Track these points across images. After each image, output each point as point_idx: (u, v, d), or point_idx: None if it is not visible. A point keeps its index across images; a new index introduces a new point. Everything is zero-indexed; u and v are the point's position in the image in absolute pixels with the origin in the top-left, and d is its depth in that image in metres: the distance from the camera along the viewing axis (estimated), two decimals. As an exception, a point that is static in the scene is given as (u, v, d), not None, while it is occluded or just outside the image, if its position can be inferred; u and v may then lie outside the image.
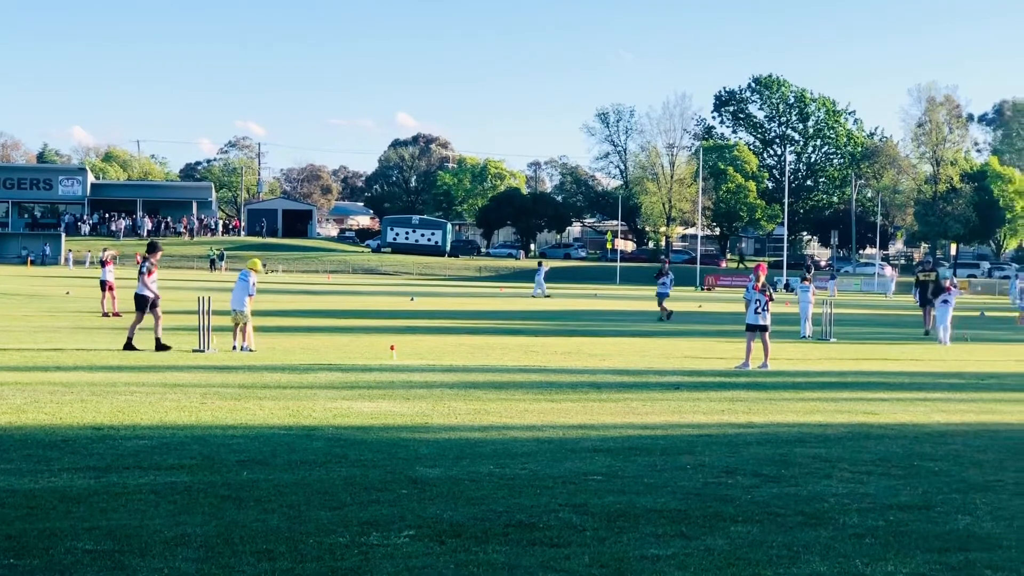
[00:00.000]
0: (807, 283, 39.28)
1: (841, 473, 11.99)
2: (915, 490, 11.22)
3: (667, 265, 49.70)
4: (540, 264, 79.53)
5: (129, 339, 25.16)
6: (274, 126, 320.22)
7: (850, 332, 39.35)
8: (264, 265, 25.13)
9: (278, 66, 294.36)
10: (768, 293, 25.32)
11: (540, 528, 9.15)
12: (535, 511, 9.76)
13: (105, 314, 37.41)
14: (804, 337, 36.23)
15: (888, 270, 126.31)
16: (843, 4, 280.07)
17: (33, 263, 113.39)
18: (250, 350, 25.32)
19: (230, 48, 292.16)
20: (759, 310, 25.03)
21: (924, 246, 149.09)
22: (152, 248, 26.69)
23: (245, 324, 25.78)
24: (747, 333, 25.25)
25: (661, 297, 46.53)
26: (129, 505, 9.64)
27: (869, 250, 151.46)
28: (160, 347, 24.86)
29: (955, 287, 38.41)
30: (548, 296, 69.85)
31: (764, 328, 24.99)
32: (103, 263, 40.58)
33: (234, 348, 25.36)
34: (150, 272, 25.71)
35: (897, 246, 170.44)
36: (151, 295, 25.45)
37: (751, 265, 66.76)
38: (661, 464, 12.28)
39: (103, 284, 38.98)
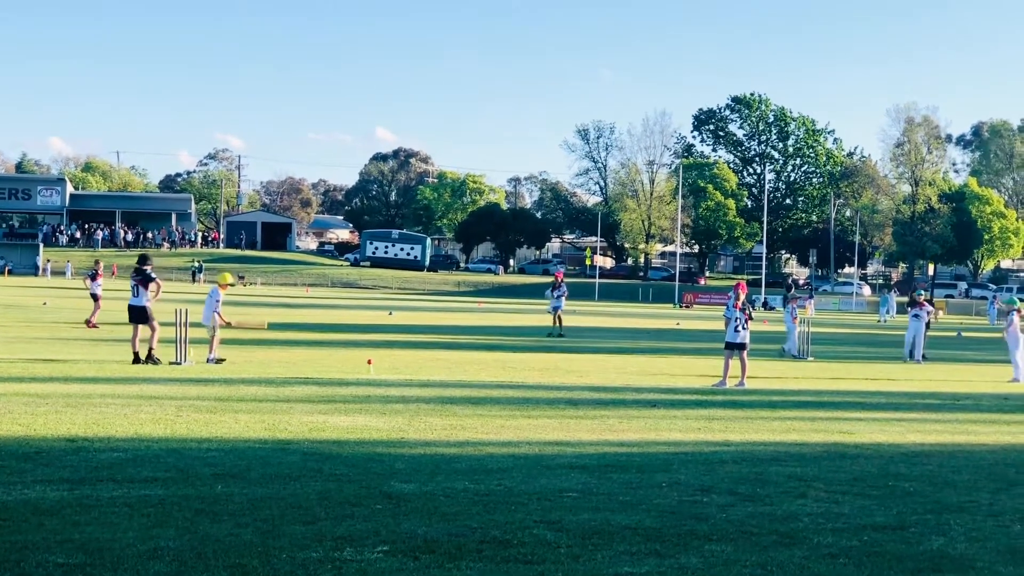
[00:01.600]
0: (792, 303, 39.27)
1: (816, 492, 11.99)
2: (890, 510, 11.22)
3: (560, 278, 47.50)
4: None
5: (149, 352, 24.99)
6: (253, 139, 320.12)
7: (828, 351, 39.43)
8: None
9: (257, 80, 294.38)
10: (748, 312, 25.35)
11: (514, 545, 9.14)
12: (510, 527, 9.74)
13: (90, 324, 37.20)
14: (783, 352, 36.35)
15: (867, 289, 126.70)
16: (823, 24, 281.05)
17: (11, 273, 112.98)
18: (216, 360, 25.30)
19: (208, 61, 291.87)
20: (739, 328, 25.07)
21: (902, 266, 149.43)
22: (148, 259, 26.70)
23: (213, 336, 25.87)
24: (725, 351, 25.28)
25: (555, 310, 44.95)
26: (102, 518, 9.60)
27: (847, 269, 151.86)
28: (152, 359, 24.74)
29: (928, 304, 38.42)
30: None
31: (743, 346, 25.02)
32: (95, 276, 40.31)
33: (208, 360, 25.37)
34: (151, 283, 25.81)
35: (875, 266, 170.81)
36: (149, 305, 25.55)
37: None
38: (636, 482, 12.28)
39: (95, 296, 38.84)
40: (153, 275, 25.98)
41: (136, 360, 24.56)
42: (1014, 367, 29.81)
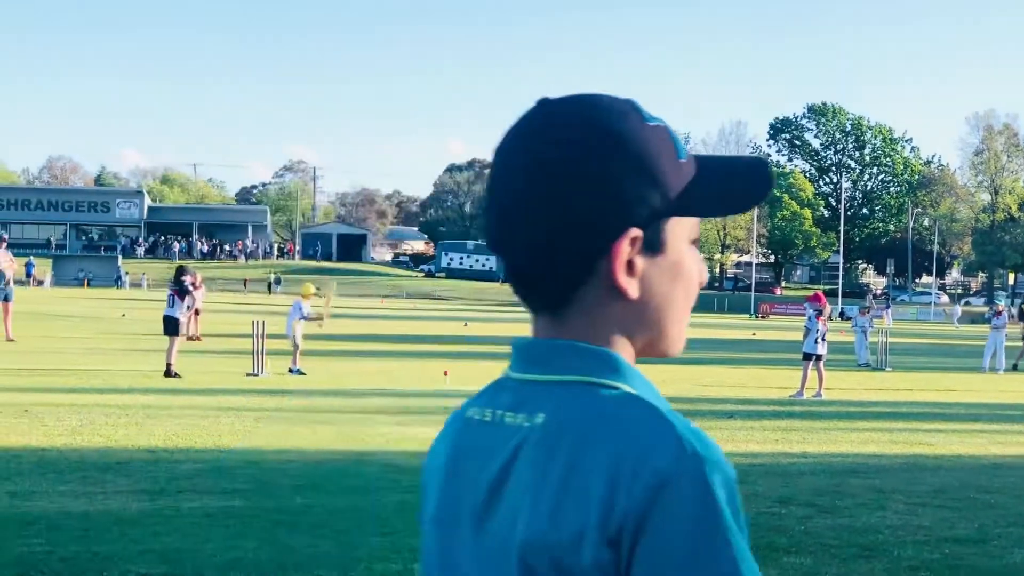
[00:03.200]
0: (864, 313, 38.96)
1: (896, 505, 11.88)
2: (971, 523, 11.10)
3: None
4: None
5: (168, 366, 24.71)
6: (325, 151, 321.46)
7: (906, 361, 39.07)
8: (317, 289, 25.10)
9: (327, 91, 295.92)
10: (824, 322, 25.22)
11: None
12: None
13: (189, 338, 37.14)
14: (861, 365, 36.08)
15: (944, 299, 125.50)
16: (900, 32, 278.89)
17: (90, 284, 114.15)
18: (299, 372, 25.45)
19: (279, 73, 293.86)
20: (818, 339, 24.92)
21: (981, 275, 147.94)
22: (186, 271, 26.57)
23: (296, 348, 26.04)
24: (803, 361, 25.12)
25: None
26: (183, 529, 9.67)
27: (925, 279, 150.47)
28: (170, 372, 24.44)
29: (1006, 312, 37.96)
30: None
31: (820, 357, 24.87)
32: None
33: (290, 371, 25.55)
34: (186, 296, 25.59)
35: (954, 275, 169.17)
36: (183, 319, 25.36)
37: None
38: (714, 493, 12.19)
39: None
40: (190, 288, 25.85)
41: (167, 373, 24.07)
42: None
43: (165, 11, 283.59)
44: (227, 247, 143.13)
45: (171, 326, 24.83)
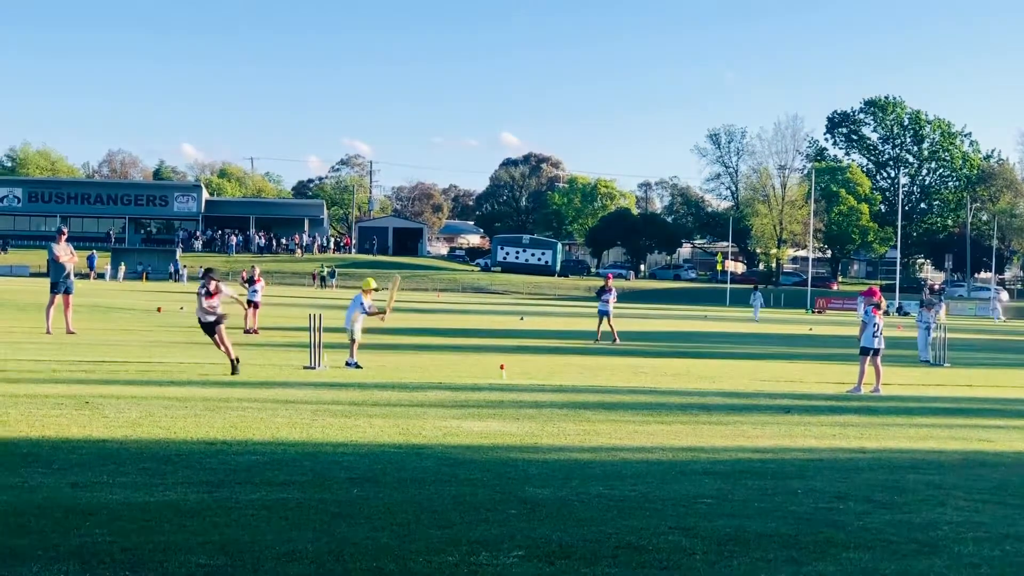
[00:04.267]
0: (929, 309, 38.61)
1: (956, 501, 11.80)
2: (1032, 520, 11.03)
3: (610, 280, 44.35)
4: (756, 290, 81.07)
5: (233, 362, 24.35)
6: (380, 144, 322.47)
7: (965, 357, 38.80)
8: (376, 288, 25.02)
9: (382, 85, 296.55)
10: (881, 316, 25.10)
11: (649, 551, 9.10)
12: (644, 533, 9.71)
13: (247, 331, 37.36)
14: (923, 361, 35.84)
15: (1004, 295, 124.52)
16: (958, 25, 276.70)
17: (148, 278, 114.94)
18: (356, 366, 25.54)
19: (333, 66, 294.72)
20: (876, 333, 24.80)
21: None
22: (212, 272, 25.68)
23: (353, 341, 26.13)
24: (860, 356, 25.00)
25: (603, 315, 41.81)
26: (241, 520, 9.72)
27: (984, 274, 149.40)
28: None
29: None
30: (756, 320, 71.45)
31: (877, 352, 24.75)
32: (252, 280, 40.58)
33: (347, 364, 25.65)
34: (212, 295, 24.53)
35: (1013, 270, 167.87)
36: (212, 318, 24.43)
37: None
38: (771, 488, 12.17)
39: (251, 302, 38.57)
40: (210, 290, 24.56)
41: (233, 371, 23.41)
42: None
43: (223, 6, 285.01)
44: (284, 241, 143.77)
45: (207, 328, 24.30)
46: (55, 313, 32.81)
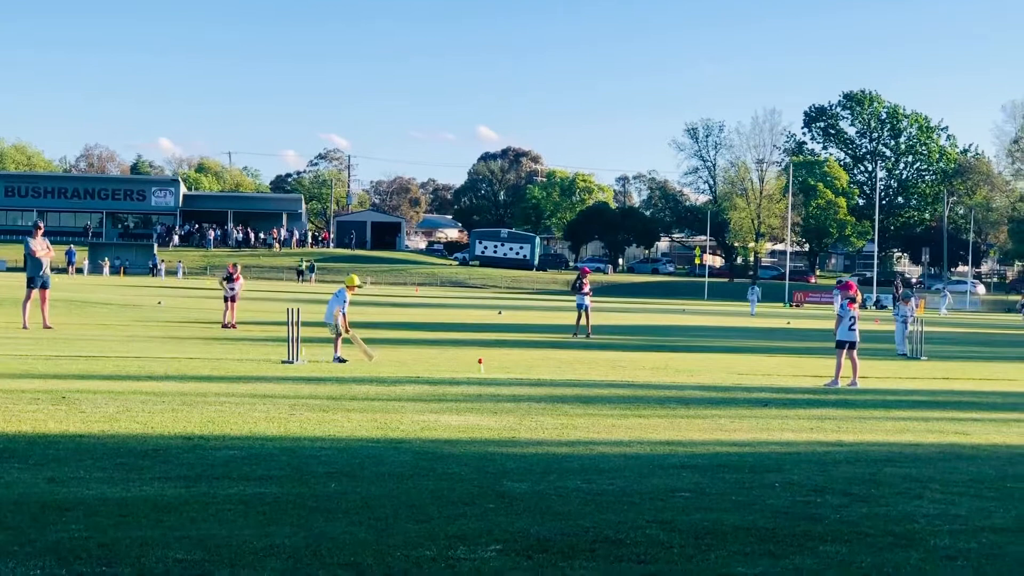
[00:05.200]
0: (906, 303, 38.65)
1: (932, 494, 11.83)
2: (1008, 512, 11.05)
3: (587, 274, 43.42)
4: (753, 285, 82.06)
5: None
6: (356, 139, 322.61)
7: (941, 351, 38.93)
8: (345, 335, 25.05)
9: (358, 79, 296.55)
10: (856, 309, 25.16)
11: (627, 544, 9.11)
12: (622, 527, 9.72)
13: (225, 325, 37.55)
14: (900, 355, 35.94)
15: (981, 288, 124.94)
16: (935, 20, 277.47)
17: (127, 272, 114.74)
18: (339, 360, 25.58)
19: (309, 60, 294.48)
20: (852, 326, 24.86)
21: (1018, 264, 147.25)
22: None
23: (337, 336, 26.18)
24: (837, 350, 25.06)
25: (580, 309, 41.44)
26: (219, 515, 9.71)
27: (961, 268, 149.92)
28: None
29: None
30: (753, 315, 72.14)
31: (853, 345, 24.81)
32: (231, 277, 39.99)
33: (333, 360, 25.68)
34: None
35: (990, 264, 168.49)
36: None
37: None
38: (749, 481, 12.20)
39: (229, 298, 38.62)
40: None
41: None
42: None
43: (199, 1, 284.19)
44: (262, 235, 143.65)
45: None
46: (31, 308, 32.73)
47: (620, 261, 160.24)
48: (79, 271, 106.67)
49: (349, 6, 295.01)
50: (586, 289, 41.23)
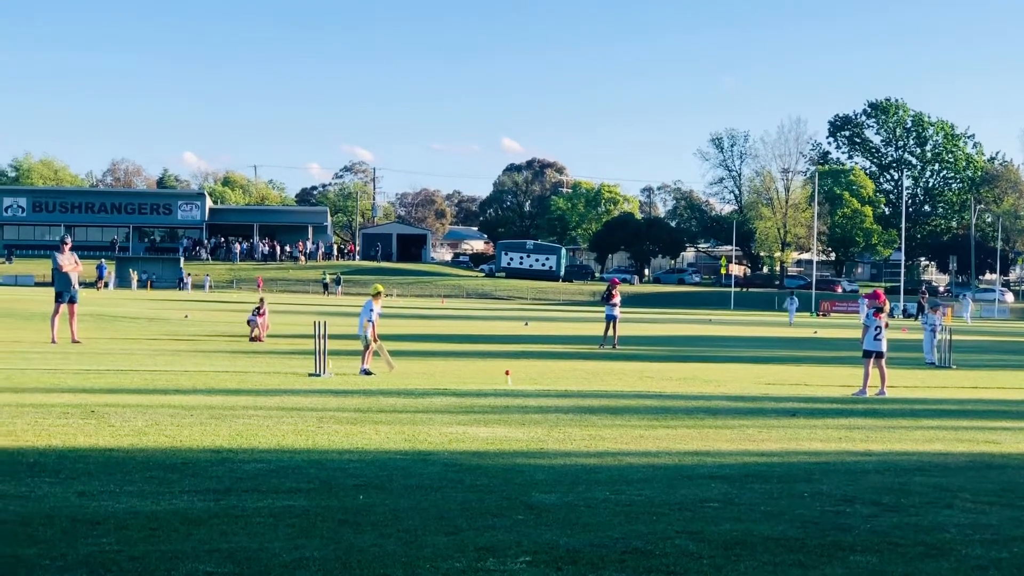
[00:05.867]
0: (935, 311, 38.49)
1: (963, 503, 11.78)
2: (1039, 521, 11.01)
3: (616, 284, 43.93)
4: (792, 295, 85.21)
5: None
6: (380, 151, 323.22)
7: (970, 359, 38.77)
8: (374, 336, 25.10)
9: (381, 91, 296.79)
10: (884, 319, 25.06)
11: (656, 555, 9.10)
12: (651, 538, 9.70)
13: (252, 339, 37.71)
14: (928, 364, 35.80)
15: (1009, 296, 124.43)
16: (959, 26, 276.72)
17: (153, 286, 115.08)
18: (366, 372, 25.61)
19: (333, 73, 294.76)
20: (878, 336, 24.76)
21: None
22: None
23: (366, 348, 26.24)
24: (864, 359, 24.97)
25: (610, 320, 41.27)
26: (248, 528, 9.72)
27: (989, 276, 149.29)
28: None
29: None
30: (791, 325, 73.22)
31: (881, 354, 24.72)
32: (259, 312, 39.39)
33: (360, 372, 25.72)
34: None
35: (1018, 272, 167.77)
36: None
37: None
38: (778, 492, 12.16)
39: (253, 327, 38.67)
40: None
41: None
42: None
43: (224, 12, 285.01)
44: (288, 248, 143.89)
45: None
46: (60, 322, 32.86)
47: (646, 271, 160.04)
48: (107, 285, 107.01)
49: (371, 16, 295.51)
50: (615, 300, 41.24)
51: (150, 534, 9.41)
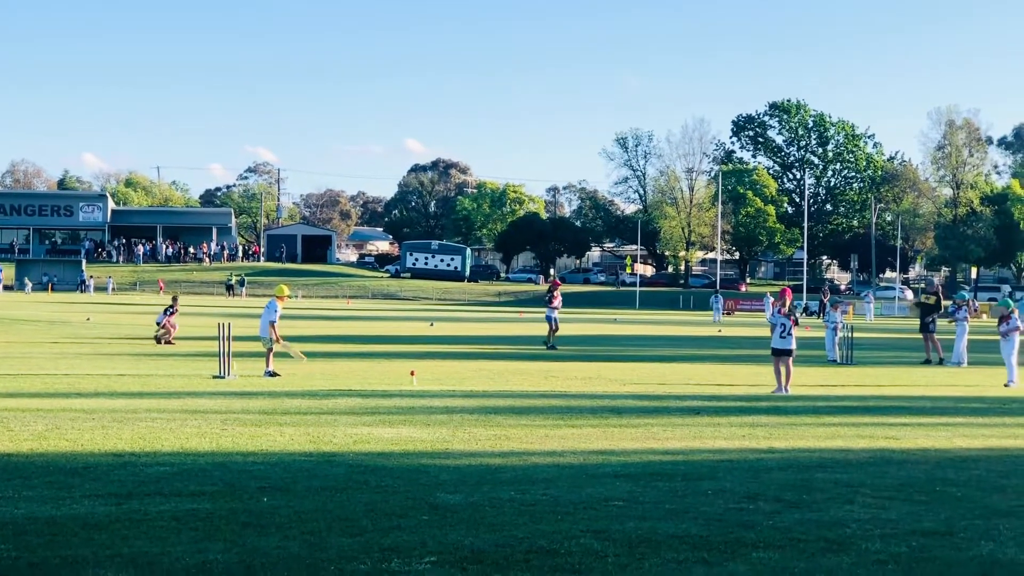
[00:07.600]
0: (835, 309, 38.88)
1: (863, 499, 11.93)
2: (938, 516, 11.15)
3: (558, 287, 43.68)
4: (716, 294, 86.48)
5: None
6: (283, 152, 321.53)
7: (870, 356, 39.20)
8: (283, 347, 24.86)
9: (283, 92, 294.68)
10: (793, 317, 25.22)
11: (561, 554, 9.13)
12: (556, 537, 9.73)
13: (158, 339, 37.35)
14: (831, 361, 36.15)
15: (909, 293, 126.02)
16: (860, 28, 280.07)
17: (55, 289, 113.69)
18: (272, 374, 25.47)
19: (235, 74, 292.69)
20: (784, 334, 24.94)
21: (944, 270, 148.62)
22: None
23: (269, 350, 26.08)
24: (773, 358, 25.15)
25: (549, 321, 41.35)
26: (151, 532, 9.64)
27: (889, 274, 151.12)
28: None
29: (966, 307, 37.72)
30: (718, 323, 74.07)
31: (789, 352, 24.90)
32: (171, 311, 38.93)
33: (264, 374, 25.54)
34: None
35: (917, 270, 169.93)
36: None
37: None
38: (682, 490, 12.24)
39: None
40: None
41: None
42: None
43: (124, 14, 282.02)
44: (192, 250, 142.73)
45: None
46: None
47: (551, 272, 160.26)
48: (7, 288, 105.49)
49: (270, 18, 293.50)
50: (555, 303, 41.19)
51: (50, 539, 9.31)
